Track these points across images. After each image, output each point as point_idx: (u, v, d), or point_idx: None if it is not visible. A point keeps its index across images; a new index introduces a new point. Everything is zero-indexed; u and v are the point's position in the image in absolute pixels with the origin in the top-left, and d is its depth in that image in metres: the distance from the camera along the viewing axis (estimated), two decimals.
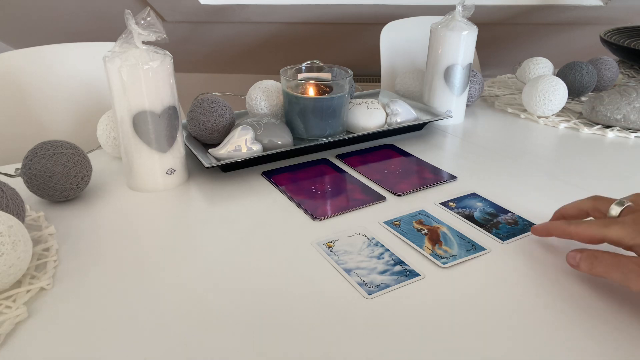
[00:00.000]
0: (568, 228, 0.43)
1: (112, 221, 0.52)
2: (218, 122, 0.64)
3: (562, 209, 0.47)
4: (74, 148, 0.54)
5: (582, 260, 0.41)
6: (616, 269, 0.38)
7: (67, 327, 0.38)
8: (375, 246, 0.48)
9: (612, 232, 0.39)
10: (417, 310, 0.39)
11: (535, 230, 0.47)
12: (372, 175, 0.62)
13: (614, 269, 0.38)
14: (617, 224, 0.39)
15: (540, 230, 0.46)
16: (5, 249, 0.38)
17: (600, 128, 0.77)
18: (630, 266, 0.37)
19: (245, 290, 0.42)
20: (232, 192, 0.58)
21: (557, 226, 0.44)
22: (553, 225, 0.45)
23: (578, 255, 0.41)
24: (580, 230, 0.41)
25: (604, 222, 0.40)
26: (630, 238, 0.38)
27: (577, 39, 1.67)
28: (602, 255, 0.39)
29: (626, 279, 0.37)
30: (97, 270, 0.44)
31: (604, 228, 0.40)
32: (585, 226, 0.41)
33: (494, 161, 0.67)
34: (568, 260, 0.42)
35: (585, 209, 0.45)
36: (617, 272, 0.38)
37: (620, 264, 0.38)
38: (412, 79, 0.86)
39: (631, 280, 0.37)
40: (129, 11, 0.51)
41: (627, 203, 0.41)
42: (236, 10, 1.50)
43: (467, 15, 0.74)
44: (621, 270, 0.37)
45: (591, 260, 0.40)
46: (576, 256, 0.41)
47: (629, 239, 0.38)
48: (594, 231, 0.40)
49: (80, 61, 0.84)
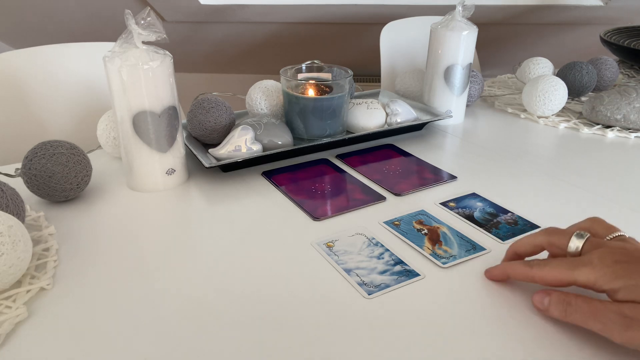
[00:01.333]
0: (530, 272, 0.38)
1: (112, 221, 0.52)
2: (218, 122, 0.64)
3: (515, 246, 0.42)
4: (74, 148, 0.54)
5: (553, 306, 0.37)
6: (594, 319, 0.34)
7: (67, 327, 0.38)
8: (375, 246, 0.48)
9: (581, 275, 0.35)
10: (417, 310, 0.39)
11: (490, 274, 0.42)
12: (372, 175, 0.62)
13: (592, 318, 0.34)
14: (586, 267, 0.35)
15: (496, 275, 0.42)
16: (5, 249, 0.38)
17: (600, 128, 0.77)
18: (610, 315, 0.33)
19: (245, 289, 0.42)
20: (232, 192, 0.58)
21: (517, 269, 0.40)
22: (511, 268, 0.40)
23: (546, 299, 0.37)
24: (545, 274, 0.37)
25: (569, 264, 0.36)
26: (604, 282, 0.34)
27: (577, 39, 1.67)
28: (576, 301, 0.36)
29: (607, 330, 0.34)
30: (97, 270, 0.44)
31: (571, 271, 0.36)
32: (550, 269, 0.37)
33: (494, 161, 0.67)
34: (535, 303, 0.38)
35: (540, 245, 0.40)
36: (595, 322, 0.34)
37: (599, 313, 0.34)
38: (412, 79, 0.86)
39: (613, 332, 0.33)
40: (129, 11, 0.51)
41: (586, 235, 0.38)
42: (236, 10, 1.50)
43: (467, 15, 0.74)
44: (600, 320, 0.34)
45: (563, 306, 0.36)
46: (544, 300, 0.38)
47: (603, 283, 0.34)
48: (560, 275, 0.37)
49: (80, 61, 0.84)
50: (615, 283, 0.34)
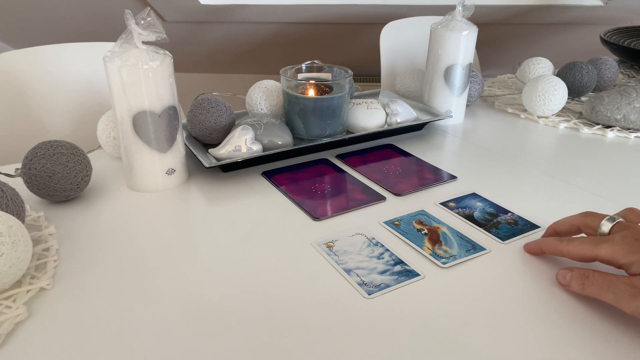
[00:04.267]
0: (560, 246, 0.43)
1: (112, 221, 0.52)
2: (218, 122, 0.64)
3: (555, 225, 0.47)
4: (74, 148, 0.54)
5: (573, 280, 0.40)
6: (608, 290, 0.37)
7: (67, 327, 0.38)
8: (375, 246, 0.48)
9: (602, 250, 0.39)
10: (417, 310, 0.39)
11: (528, 248, 0.47)
12: (372, 175, 0.62)
13: (606, 289, 0.37)
14: (607, 243, 0.39)
15: (533, 249, 0.46)
16: (5, 249, 0.38)
17: (600, 128, 0.77)
18: (622, 287, 0.37)
19: (245, 289, 0.42)
20: (232, 192, 0.58)
21: (549, 244, 0.44)
22: (545, 243, 0.45)
23: (568, 274, 0.41)
24: (571, 248, 0.41)
25: (594, 241, 0.40)
26: (621, 256, 0.38)
27: (577, 39, 1.67)
28: (593, 275, 0.39)
29: (618, 300, 0.37)
30: (97, 270, 0.44)
31: (595, 247, 0.39)
32: (576, 244, 0.41)
33: (494, 161, 0.67)
34: (558, 279, 0.42)
35: (577, 225, 0.44)
36: (609, 293, 0.37)
37: (612, 285, 0.37)
38: (412, 79, 0.86)
39: (623, 302, 0.36)
40: (129, 11, 0.51)
41: (618, 219, 0.41)
42: (236, 10, 1.50)
43: (467, 15, 0.74)
44: (613, 291, 0.37)
45: (582, 280, 0.40)
46: (566, 275, 0.41)
47: (620, 257, 0.38)
48: (584, 250, 0.40)
49: (80, 61, 0.84)
50: (631, 257, 0.37)
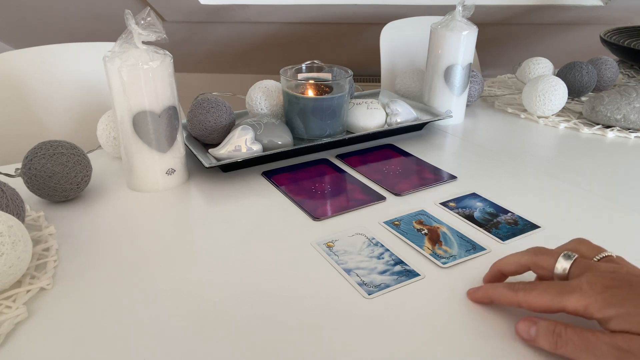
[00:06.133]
0: (515, 297, 0.36)
1: (112, 221, 0.52)
2: (218, 122, 0.64)
3: (499, 264, 0.41)
4: (74, 148, 0.54)
5: (541, 337, 0.34)
6: (587, 351, 0.32)
7: (67, 327, 0.38)
8: (375, 246, 0.48)
9: (571, 302, 0.33)
10: (417, 310, 0.39)
11: (474, 297, 0.40)
12: (372, 175, 0.62)
13: (584, 351, 0.32)
14: (575, 293, 0.33)
15: (480, 298, 0.40)
16: (5, 249, 0.38)
17: (600, 128, 0.77)
18: (603, 348, 0.31)
19: (245, 289, 0.42)
20: (232, 192, 0.58)
21: (501, 294, 0.38)
22: (496, 292, 0.38)
23: (533, 329, 0.35)
24: (531, 300, 0.35)
25: (559, 290, 0.34)
26: (596, 310, 0.32)
27: (577, 39, 1.67)
28: (566, 332, 0.33)
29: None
30: (97, 270, 0.44)
31: (560, 297, 0.34)
32: (536, 295, 0.35)
33: (494, 161, 0.67)
34: (520, 332, 0.36)
35: (526, 265, 0.39)
36: (588, 355, 0.32)
37: (591, 345, 0.32)
38: (412, 79, 0.86)
39: None
40: (129, 11, 0.51)
41: (574, 256, 0.36)
42: (236, 10, 1.50)
43: (467, 15, 0.74)
44: (592, 352, 0.32)
45: (554, 338, 0.34)
46: (530, 330, 0.35)
47: (594, 311, 0.32)
48: (548, 302, 0.34)
49: (80, 61, 0.84)
50: (607, 312, 0.32)
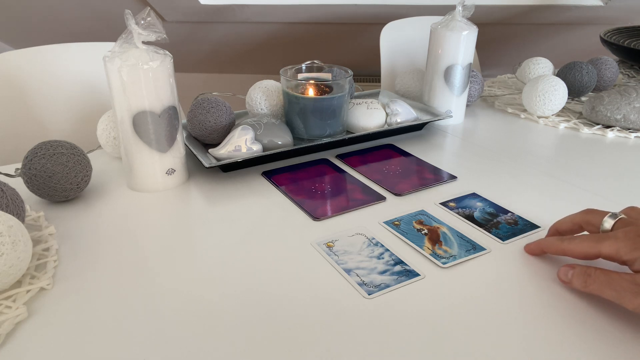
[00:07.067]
0: (561, 245, 0.42)
1: (112, 221, 0.52)
2: (218, 122, 0.64)
3: (556, 224, 0.46)
4: (74, 148, 0.54)
5: (575, 277, 0.40)
6: (610, 287, 0.37)
7: (67, 327, 0.38)
8: (375, 246, 0.48)
9: (605, 247, 0.38)
10: (417, 310, 0.39)
11: (529, 249, 0.46)
12: (372, 175, 0.62)
13: (608, 287, 0.37)
14: (610, 239, 0.38)
15: (534, 249, 0.46)
16: (5, 249, 0.38)
17: (600, 128, 0.77)
18: (624, 284, 0.36)
19: (245, 289, 0.42)
20: (232, 192, 0.58)
21: (550, 243, 0.44)
22: (546, 243, 0.44)
23: (570, 272, 0.41)
24: (573, 247, 0.41)
25: (597, 238, 0.40)
26: (625, 252, 0.37)
27: (577, 39, 1.67)
28: (595, 272, 0.39)
29: (620, 297, 0.37)
30: (97, 271, 0.44)
31: (597, 243, 0.39)
32: (578, 242, 0.41)
33: (494, 161, 0.67)
34: (560, 276, 0.42)
35: (579, 223, 0.44)
36: (610, 290, 0.37)
37: (614, 282, 0.37)
38: (412, 79, 0.86)
39: (625, 299, 0.36)
40: (129, 11, 0.51)
41: (620, 215, 0.41)
42: (236, 10, 1.50)
43: (467, 15, 0.74)
44: (614, 288, 0.37)
45: (584, 277, 0.39)
46: (568, 272, 0.41)
47: (624, 254, 0.37)
48: (587, 247, 0.40)
49: (80, 61, 0.84)
50: (635, 253, 0.36)
